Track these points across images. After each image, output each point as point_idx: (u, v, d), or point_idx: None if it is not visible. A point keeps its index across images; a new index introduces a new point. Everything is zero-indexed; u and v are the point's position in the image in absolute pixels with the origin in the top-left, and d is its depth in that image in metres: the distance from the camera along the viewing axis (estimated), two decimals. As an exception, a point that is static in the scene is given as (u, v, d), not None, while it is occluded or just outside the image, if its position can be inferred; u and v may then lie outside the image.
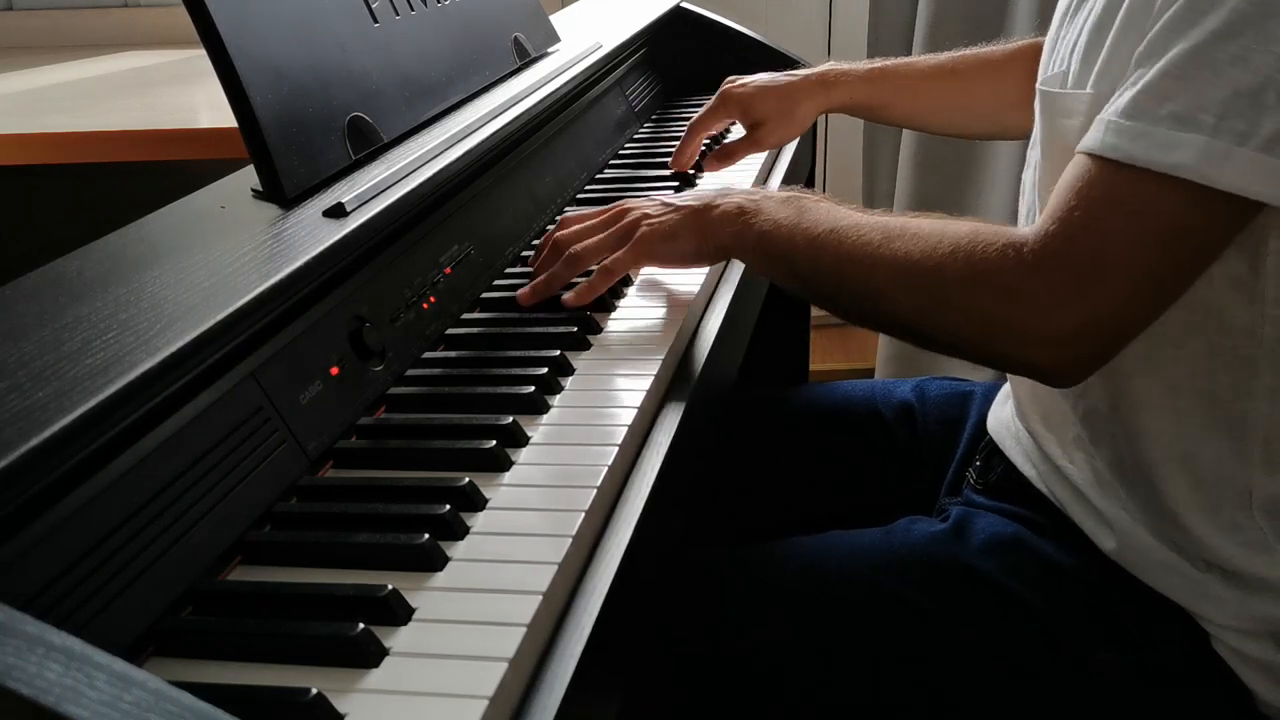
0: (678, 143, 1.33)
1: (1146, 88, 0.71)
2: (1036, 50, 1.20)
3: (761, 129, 1.27)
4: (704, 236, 0.92)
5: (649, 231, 0.93)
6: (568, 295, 0.94)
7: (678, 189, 1.25)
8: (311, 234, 0.78)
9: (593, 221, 0.98)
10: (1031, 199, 0.93)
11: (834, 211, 0.86)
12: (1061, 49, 0.87)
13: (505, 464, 0.73)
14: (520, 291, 0.95)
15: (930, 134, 1.67)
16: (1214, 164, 0.68)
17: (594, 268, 0.95)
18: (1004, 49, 1.24)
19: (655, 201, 0.96)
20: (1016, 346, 0.75)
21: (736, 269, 1.09)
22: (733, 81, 1.30)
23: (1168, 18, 0.72)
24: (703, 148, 1.37)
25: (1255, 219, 0.73)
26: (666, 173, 1.31)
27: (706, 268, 1.00)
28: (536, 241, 1.12)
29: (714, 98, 1.30)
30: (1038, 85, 0.87)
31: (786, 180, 1.36)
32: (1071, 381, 0.78)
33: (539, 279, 0.95)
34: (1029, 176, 0.95)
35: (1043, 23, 1.80)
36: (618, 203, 0.98)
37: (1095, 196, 0.72)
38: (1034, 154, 0.93)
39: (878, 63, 1.29)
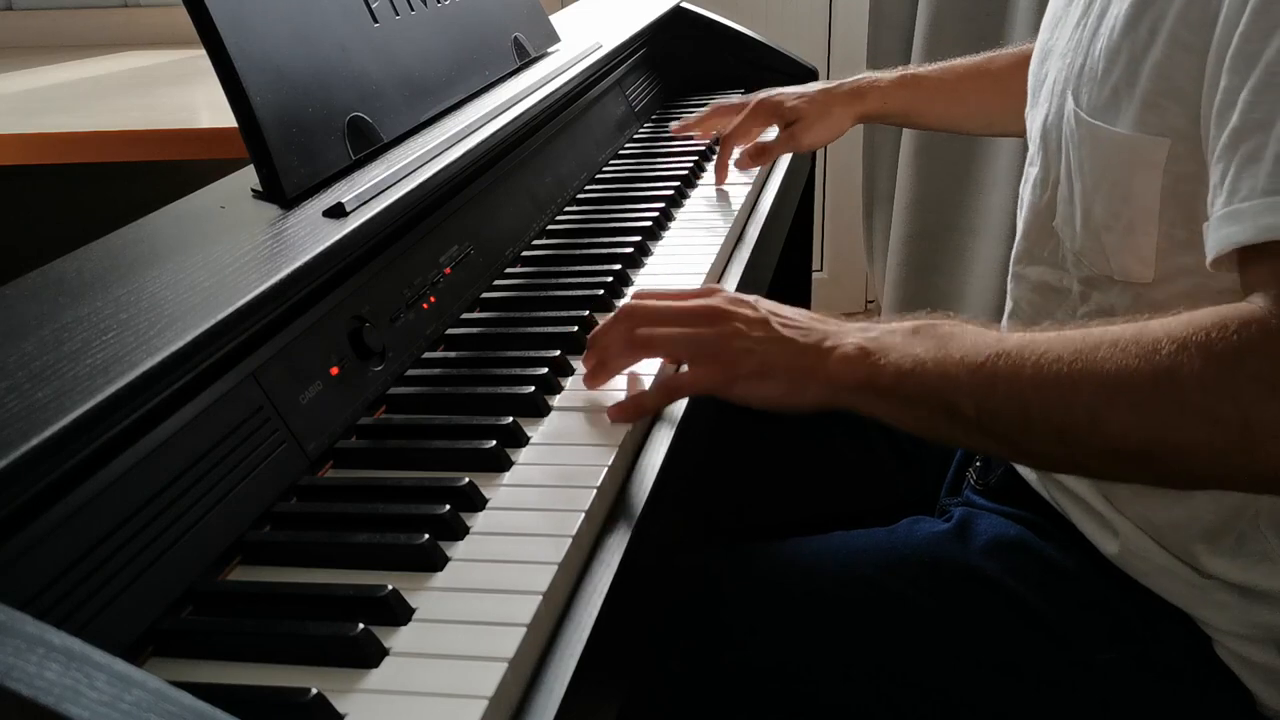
0: (678, 143, 1.33)
1: (1275, 158, 0.64)
2: None
3: (798, 125, 1.28)
4: (805, 384, 0.75)
5: (737, 357, 0.76)
6: (611, 408, 0.79)
7: (678, 188, 1.25)
8: (311, 234, 0.78)
9: (676, 303, 0.81)
10: (1045, 222, 0.89)
11: (983, 334, 0.72)
12: (1059, 66, 0.87)
13: (505, 464, 0.73)
14: (585, 375, 0.83)
15: (968, 135, 1.68)
16: None
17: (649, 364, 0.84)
18: (1031, 46, 1.24)
19: (757, 312, 0.78)
20: None
21: (736, 268, 1.10)
22: (768, 92, 1.31)
23: (1260, 78, 0.66)
24: (703, 145, 1.38)
25: None
26: (667, 171, 1.31)
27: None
28: (537, 241, 1.12)
29: (748, 102, 1.30)
30: (1077, 113, 0.82)
31: (786, 179, 1.36)
32: None
33: (598, 358, 0.82)
34: (1027, 195, 0.92)
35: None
36: (712, 289, 0.82)
37: None
38: (1034, 171, 0.91)
39: (910, 69, 1.30)
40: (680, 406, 0.82)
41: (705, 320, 0.79)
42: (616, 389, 0.83)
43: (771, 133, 1.35)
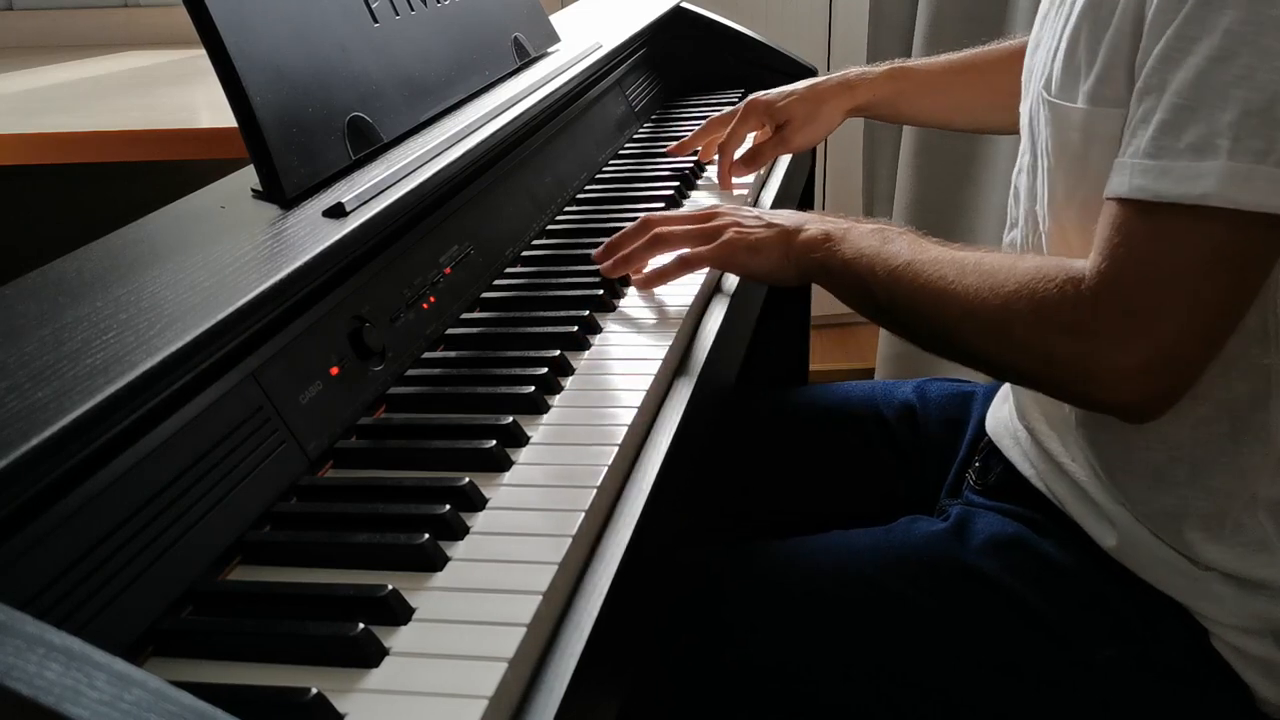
0: (677, 143, 1.33)
1: (1160, 125, 0.72)
2: None
3: (788, 128, 1.28)
4: (786, 258, 0.93)
5: (736, 239, 0.95)
6: (638, 277, 0.98)
7: (678, 188, 1.25)
8: (311, 234, 0.78)
9: (684, 211, 1.03)
10: (1029, 206, 0.93)
11: (915, 244, 0.87)
12: (1040, 54, 0.88)
13: (505, 464, 0.73)
14: (596, 252, 1.00)
15: (953, 131, 1.67)
16: (1237, 186, 0.69)
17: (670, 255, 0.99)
18: (1024, 41, 1.25)
19: (750, 213, 0.99)
20: (1084, 383, 0.75)
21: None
22: (757, 94, 1.31)
23: (1161, 49, 0.72)
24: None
25: None
26: (667, 171, 1.31)
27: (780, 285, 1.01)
28: (537, 241, 1.12)
29: (739, 108, 1.30)
30: (1044, 95, 0.86)
31: (786, 179, 1.36)
32: (1149, 417, 0.77)
33: (619, 246, 0.99)
34: (1022, 181, 0.94)
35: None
36: (713, 205, 1.01)
37: (1135, 236, 0.72)
38: (1025, 158, 0.93)
39: (898, 63, 1.30)
40: (680, 407, 0.82)
41: (708, 218, 0.99)
42: (615, 378, 0.83)
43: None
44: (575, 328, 0.91)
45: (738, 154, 1.29)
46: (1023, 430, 0.95)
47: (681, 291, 0.99)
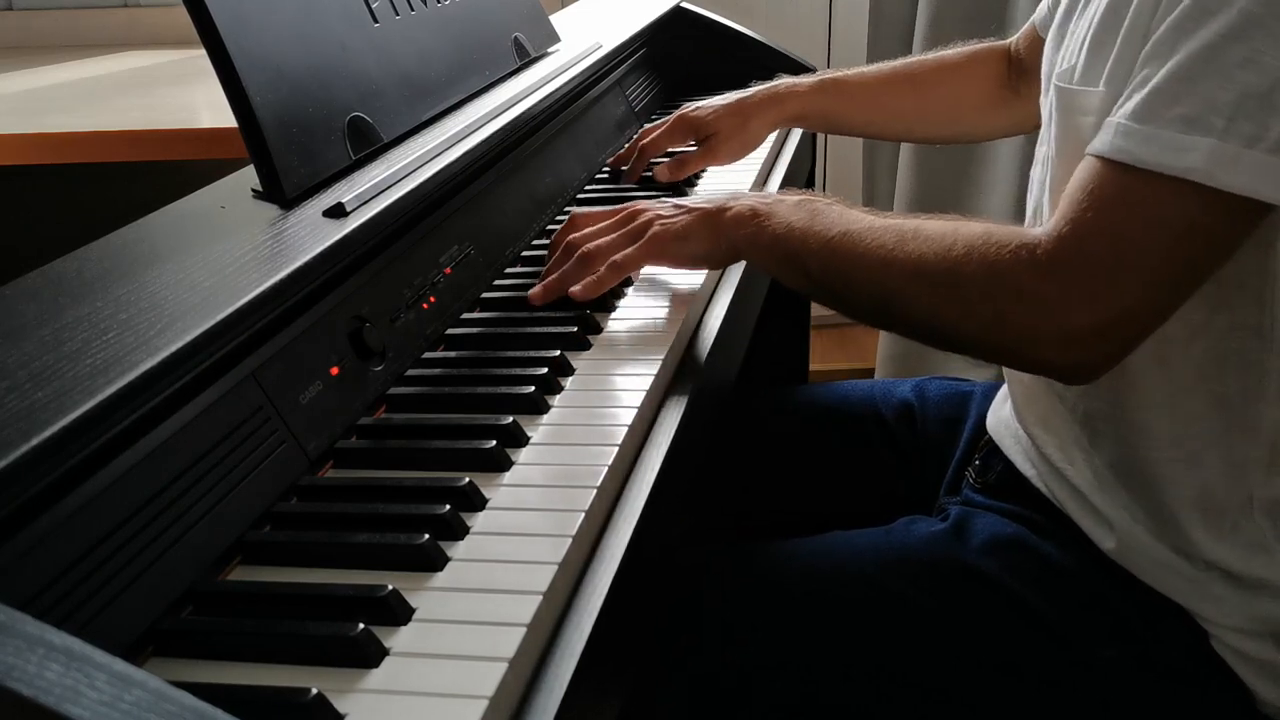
0: (676, 144, 1.33)
1: (1155, 90, 0.72)
2: (994, 54, 1.23)
3: (714, 139, 1.28)
4: (716, 238, 0.92)
5: (661, 231, 0.94)
6: (575, 288, 0.95)
7: (678, 189, 1.25)
8: (311, 234, 0.78)
9: (605, 222, 0.98)
10: (1040, 197, 0.93)
11: (846, 214, 0.87)
12: (1071, 43, 0.87)
13: (505, 464, 0.73)
14: (532, 291, 0.96)
15: (889, 141, 1.68)
16: (1224, 167, 0.68)
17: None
18: (961, 52, 1.25)
19: (667, 204, 0.97)
20: (1030, 346, 0.76)
21: (735, 268, 1.09)
22: (688, 106, 1.31)
23: (1174, 17, 0.72)
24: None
25: (1265, 219, 0.73)
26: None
27: (716, 270, 1.01)
28: (537, 241, 1.12)
29: (669, 119, 1.30)
30: (1053, 82, 0.87)
31: (786, 181, 1.36)
32: (1083, 380, 0.78)
33: (551, 278, 0.96)
34: (1037, 174, 0.94)
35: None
36: (629, 204, 0.99)
37: (1106, 198, 0.72)
38: (1042, 150, 0.93)
39: (829, 74, 1.30)
40: (680, 407, 0.82)
41: (630, 219, 0.97)
42: (615, 379, 0.83)
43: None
44: (575, 328, 0.91)
45: (657, 160, 1.29)
46: (1022, 432, 0.95)
47: (681, 291, 0.99)
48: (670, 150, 1.33)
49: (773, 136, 1.37)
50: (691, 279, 1.00)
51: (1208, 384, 0.80)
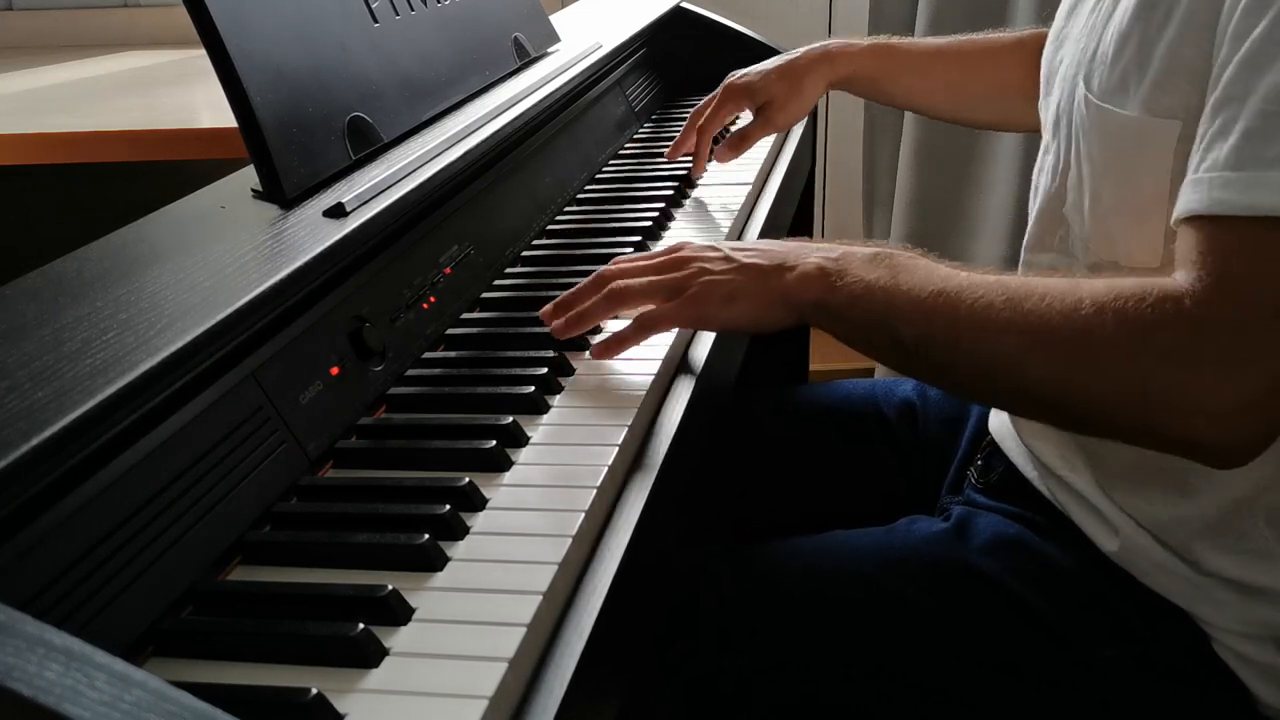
0: (670, 146, 1.33)
1: (1246, 134, 0.66)
2: (1041, 39, 1.20)
3: (771, 108, 1.27)
4: (771, 302, 0.81)
5: (705, 289, 0.82)
6: (595, 345, 0.86)
7: (677, 188, 1.25)
8: (311, 234, 0.78)
9: (645, 262, 0.87)
10: (1052, 208, 0.90)
11: (934, 270, 0.77)
12: (1072, 48, 0.87)
13: (505, 464, 0.73)
14: (545, 309, 0.88)
15: (933, 119, 1.67)
16: None
17: (631, 312, 0.86)
18: (1009, 36, 1.24)
19: (719, 252, 0.85)
20: (1179, 417, 0.66)
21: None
22: (735, 75, 1.30)
23: (1245, 55, 0.67)
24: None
25: None
26: (667, 171, 1.31)
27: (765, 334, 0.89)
28: (537, 241, 1.12)
29: (718, 93, 1.29)
30: (1087, 97, 0.82)
31: (786, 179, 1.36)
32: (1236, 461, 0.69)
33: (573, 310, 0.86)
34: (1043, 182, 0.92)
35: (1042, 20, 1.80)
36: (676, 245, 0.88)
37: (1232, 253, 0.66)
38: (1049, 159, 0.91)
39: (882, 39, 1.28)
40: (680, 407, 0.82)
41: (672, 267, 0.85)
42: (614, 378, 0.83)
43: (746, 116, 1.34)
44: (575, 328, 0.91)
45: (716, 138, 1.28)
46: (1023, 441, 0.95)
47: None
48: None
49: (772, 136, 1.37)
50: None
51: None
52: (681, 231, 1.17)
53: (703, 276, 0.83)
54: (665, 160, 1.35)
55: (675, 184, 1.26)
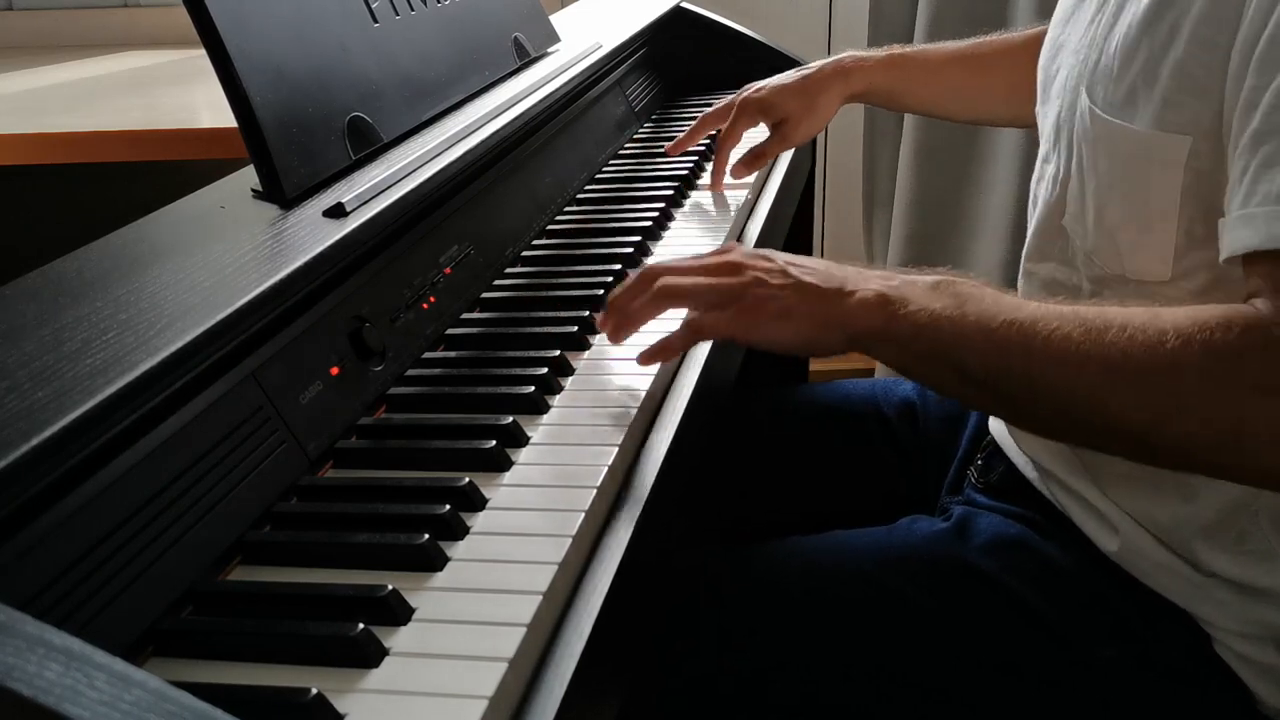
0: (673, 143, 1.33)
1: None
2: None
3: (786, 125, 1.27)
4: (827, 325, 0.77)
5: (758, 302, 0.78)
6: (642, 352, 0.82)
7: (678, 188, 1.25)
8: (311, 234, 0.78)
9: (696, 263, 0.82)
10: (1052, 221, 0.89)
11: (1001, 299, 0.74)
12: (1070, 61, 0.86)
13: (505, 464, 0.73)
14: (599, 318, 0.85)
15: (951, 122, 1.66)
16: None
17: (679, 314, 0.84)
18: (1019, 35, 1.24)
19: (776, 263, 0.80)
20: (1273, 447, 0.64)
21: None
22: (749, 89, 1.30)
23: (1278, 84, 0.66)
24: (703, 144, 1.37)
25: None
26: (667, 171, 1.31)
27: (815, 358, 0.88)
28: (537, 241, 1.12)
29: (731, 104, 1.29)
30: (1092, 109, 0.82)
31: (786, 179, 1.36)
32: None
33: (621, 306, 0.83)
34: (1043, 192, 0.92)
35: (1043, 20, 1.80)
36: (729, 247, 0.84)
37: None
38: (1049, 169, 0.90)
39: (895, 49, 1.28)
40: (680, 407, 0.82)
41: (726, 271, 0.80)
42: (615, 378, 0.83)
43: (761, 130, 1.34)
44: (575, 328, 0.91)
45: (736, 155, 1.28)
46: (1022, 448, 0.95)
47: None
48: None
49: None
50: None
51: None
52: (682, 231, 1.17)
53: (758, 288, 0.78)
54: (665, 159, 1.35)
55: (675, 184, 1.26)
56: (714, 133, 1.36)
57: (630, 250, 1.07)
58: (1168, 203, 0.77)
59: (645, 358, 0.82)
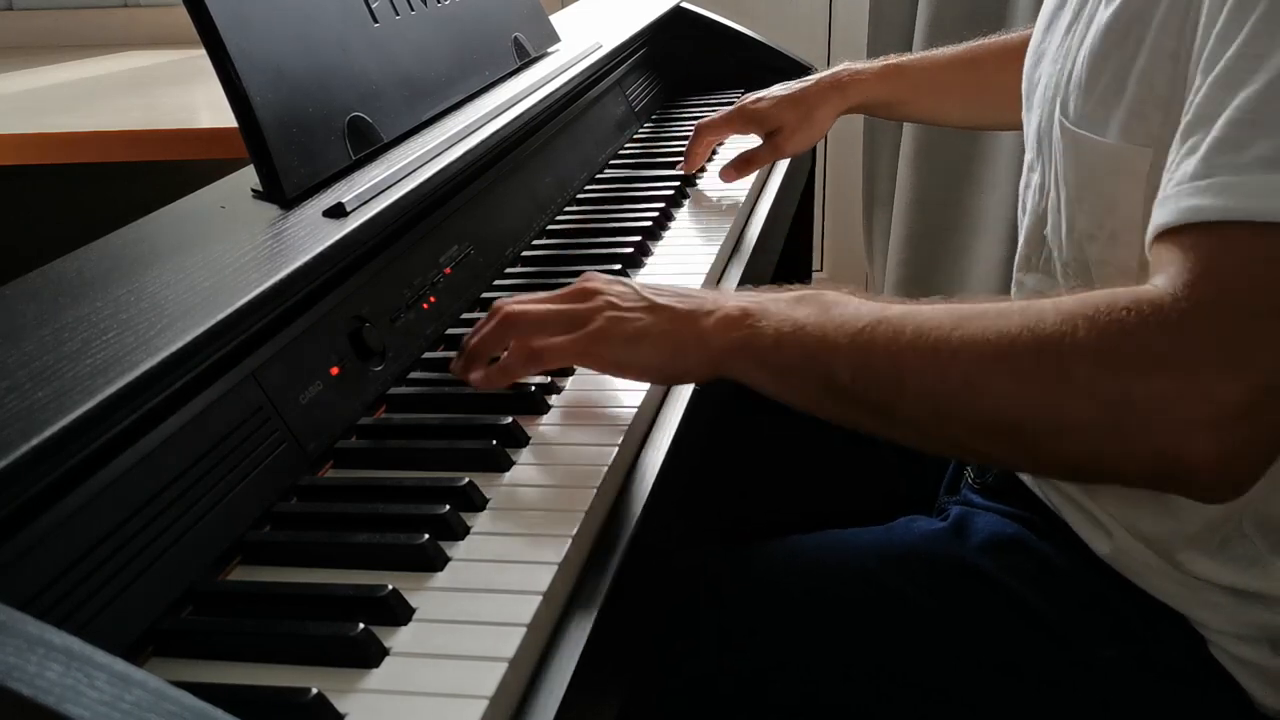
0: (678, 143, 1.33)
1: (1218, 144, 0.63)
2: None
3: (780, 135, 1.27)
4: (683, 347, 0.74)
5: (607, 326, 0.75)
6: (475, 374, 0.79)
7: (676, 189, 1.25)
8: (311, 234, 0.78)
9: (548, 295, 0.81)
10: (1035, 229, 0.89)
11: (867, 304, 0.70)
12: (1049, 67, 0.86)
13: (505, 464, 0.73)
14: (452, 363, 0.82)
15: (953, 128, 1.66)
16: None
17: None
18: (1019, 35, 1.24)
19: (630, 287, 0.78)
20: (1170, 432, 0.59)
21: (736, 268, 1.10)
22: (748, 98, 1.30)
23: (1218, 76, 0.65)
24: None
25: None
26: (667, 172, 1.31)
27: (666, 386, 0.85)
28: (537, 241, 1.12)
29: (729, 111, 1.29)
30: (1062, 121, 0.81)
31: (786, 179, 1.36)
32: (1243, 484, 0.61)
33: (465, 343, 0.81)
34: (1030, 201, 0.91)
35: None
36: (586, 276, 0.81)
37: (1212, 260, 0.61)
38: (1035, 177, 0.90)
39: (892, 59, 1.28)
40: (680, 407, 0.82)
41: (575, 298, 0.78)
42: (615, 378, 0.83)
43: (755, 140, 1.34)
44: (575, 328, 0.91)
45: (720, 151, 1.27)
46: None
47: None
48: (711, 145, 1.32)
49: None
50: (692, 278, 1.00)
51: None
52: (682, 231, 1.17)
53: (608, 311, 0.76)
54: (665, 159, 1.35)
55: (675, 184, 1.26)
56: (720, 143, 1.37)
57: (630, 250, 1.07)
58: (1133, 214, 0.76)
59: (479, 380, 0.79)
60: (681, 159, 1.34)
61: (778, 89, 1.30)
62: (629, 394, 0.81)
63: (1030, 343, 0.62)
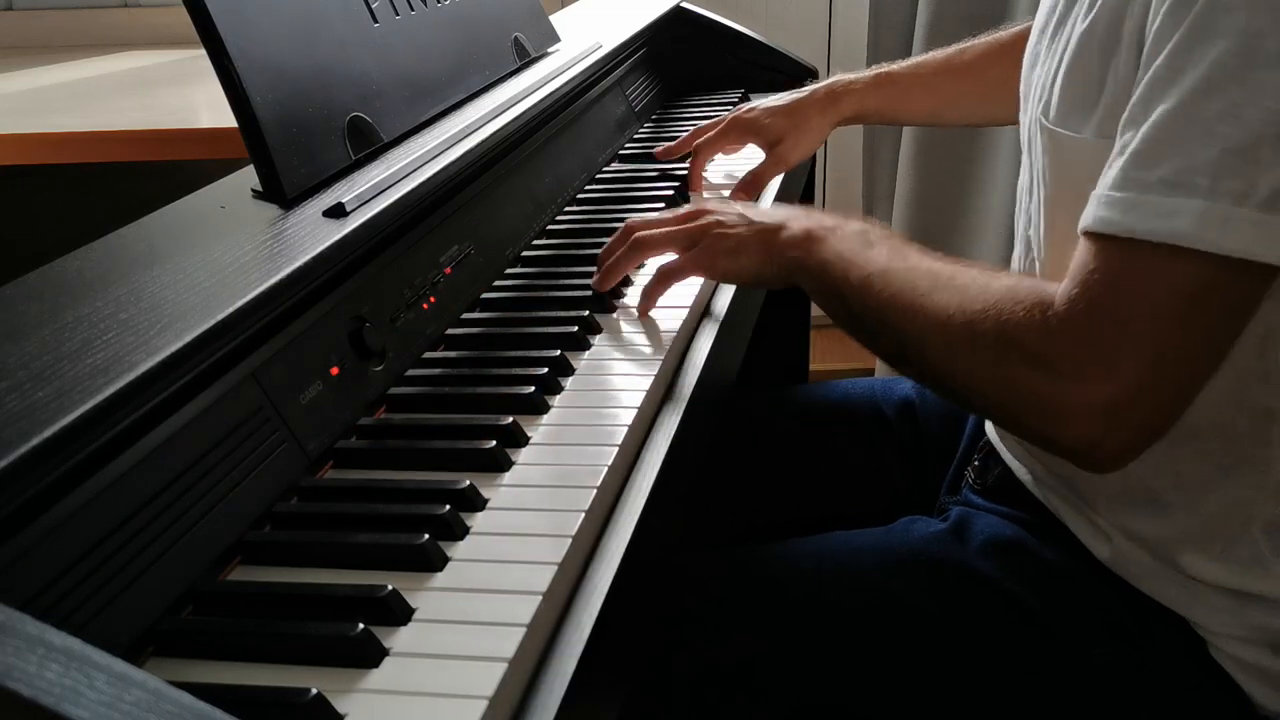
0: (663, 147, 1.33)
1: (1134, 157, 0.67)
2: None
3: (781, 146, 1.27)
4: (768, 258, 0.88)
5: (715, 241, 0.91)
6: (639, 305, 0.94)
7: (676, 189, 1.25)
8: (311, 234, 0.78)
9: (666, 214, 0.98)
10: (1027, 231, 0.91)
11: (896, 251, 0.81)
12: (1043, 70, 0.86)
13: (505, 464, 0.73)
14: (594, 279, 0.97)
15: (948, 127, 1.66)
16: (1214, 228, 0.64)
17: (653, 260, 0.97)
18: (1010, 33, 1.24)
19: (733, 210, 0.93)
20: (1046, 419, 0.69)
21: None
22: (741, 109, 1.30)
23: (1149, 79, 0.68)
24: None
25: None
26: (667, 171, 1.31)
27: (770, 289, 0.98)
28: (537, 241, 1.12)
29: (722, 121, 1.29)
30: (1041, 122, 0.83)
31: (787, 179, 1.36)
32: (1104, 466, 0.70)
33: (606, 264, 0.96)
34: (1024, 202, 0.92)
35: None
36: (698, 200, 0.96)
37: (1102, 269, 0.67)
38: (1026, 178, 0.91)
39: (884, 68, 1.29)
40: (680, 407, 0.82)
41: (690, 218, 0.94)
42: (614, 379, 0.83)
43: (751, 151, 1.34)
44: (575, 328, 0.91)
45: (729, 168, 1.28)
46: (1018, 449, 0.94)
47: (682, 291, 0.98)
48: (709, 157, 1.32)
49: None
50: (688, 281, 1.00)
51: (1215, 423, 0.78)
52: (681, 231, 1.17)
53: (715, 229, 0.91)
54: (665, 160, 1.35)
55: (675, 184, 1.26)
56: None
57: (630, 250, 1.07)
58: None
59: (640, 310, 0.94)
60: (681, 160, 1.34)
61: (771, 100, 1.30)
62: (629, 394, 0.81)
63: (959, 324, 0.73)
